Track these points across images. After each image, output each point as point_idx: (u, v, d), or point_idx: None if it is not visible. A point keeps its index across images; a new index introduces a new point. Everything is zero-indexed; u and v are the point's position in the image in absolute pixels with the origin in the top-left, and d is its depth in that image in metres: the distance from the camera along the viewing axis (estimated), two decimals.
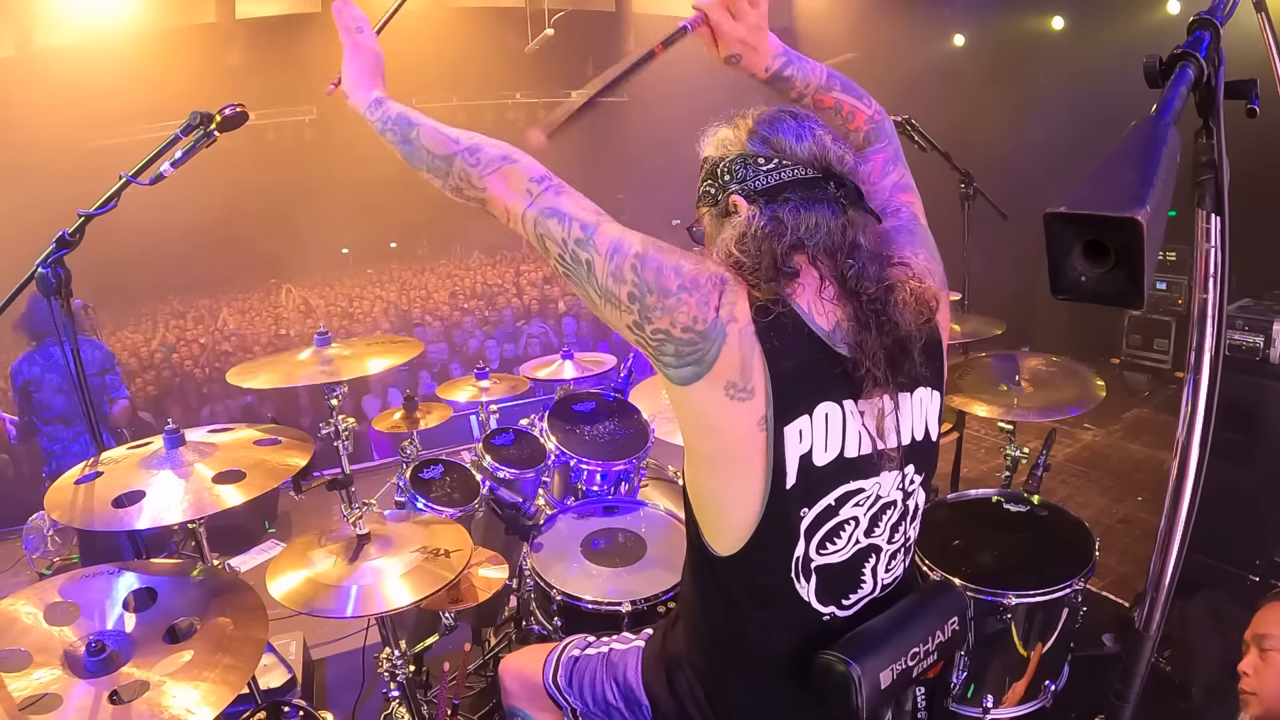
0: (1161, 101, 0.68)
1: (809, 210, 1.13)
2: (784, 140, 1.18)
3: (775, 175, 1.16)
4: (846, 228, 1.14)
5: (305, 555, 1.87)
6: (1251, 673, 1.56)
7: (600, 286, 1.12)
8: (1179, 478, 0.89)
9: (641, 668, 1.40)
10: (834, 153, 1.18)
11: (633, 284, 1.10)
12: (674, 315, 1.08)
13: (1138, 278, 0.60)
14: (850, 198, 1.17)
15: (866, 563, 1.21)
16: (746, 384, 1.08)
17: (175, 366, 7.89)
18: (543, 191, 1.16)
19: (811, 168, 1.17)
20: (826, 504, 1.14)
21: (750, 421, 1.09)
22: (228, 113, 1.58)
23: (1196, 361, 0.86)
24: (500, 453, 2.79)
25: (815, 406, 1.10)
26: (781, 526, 1.13)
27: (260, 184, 8.33)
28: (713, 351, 1.08)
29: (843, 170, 1.18)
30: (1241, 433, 2.77)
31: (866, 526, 1.19)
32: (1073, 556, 2.17)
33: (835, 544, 1.17)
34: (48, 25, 7.20)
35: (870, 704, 1.10)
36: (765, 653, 1.21)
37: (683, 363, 1.10)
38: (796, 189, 1.15)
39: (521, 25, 8.53)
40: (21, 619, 1.37)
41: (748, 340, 1.08)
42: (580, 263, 1.13)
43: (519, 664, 1.61)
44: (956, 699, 2.14)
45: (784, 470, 1.10)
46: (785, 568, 1.15)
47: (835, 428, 1.12)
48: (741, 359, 1.08)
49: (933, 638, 1.22)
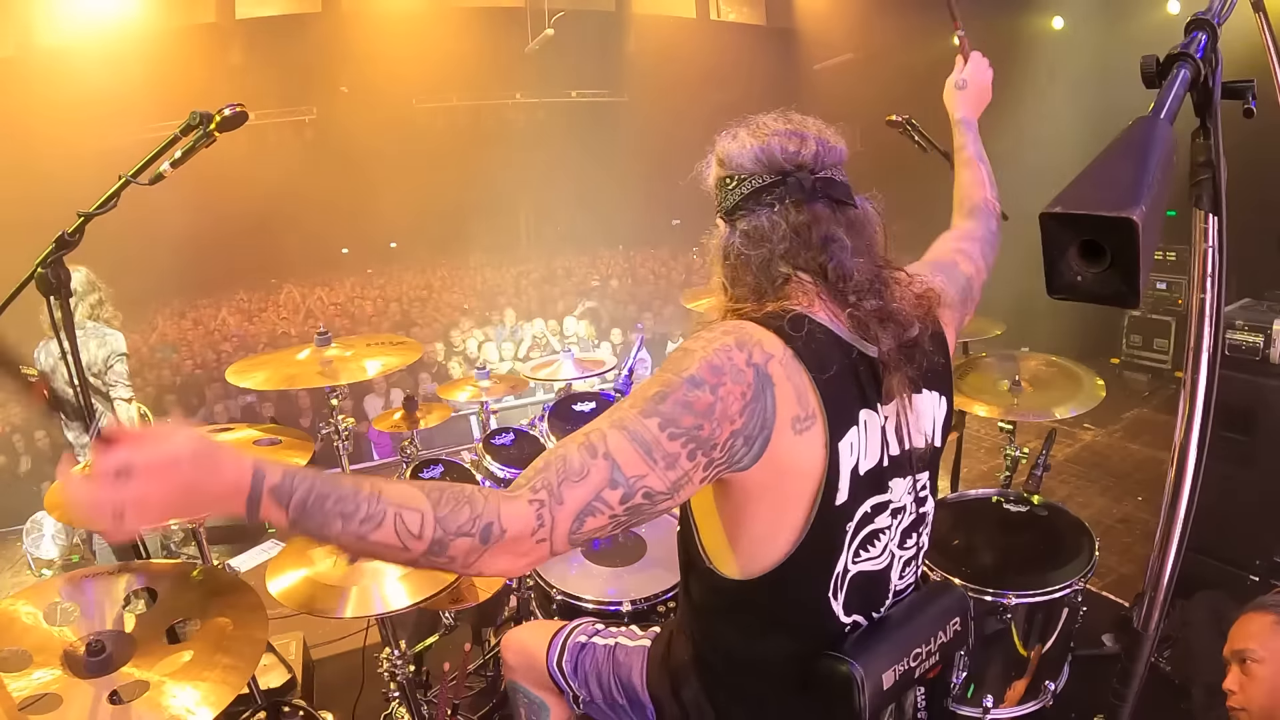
0: (1158, 101, 0.68)
1: (759, 215, 1.14)
2: (734, 157, 1.18)
3: (737, 192, 1.17)
4: (810, 225, 1.12)
5: (305, 555, 1.87)
6: (1237, 689, 1.54)
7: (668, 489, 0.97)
8: (1178, 478, 0.89)
9: (647, 672, 1.38)
10: (781, 151, 1.15)
11: (683, 443, 0.96)
12: (728, 410, 0.97)
13: (1133, 277, 0.60)
14: (811, 192, 1.13)
15: (893, 570, 1.20)
16: (807, 410, 1.03)
17: (175, 366, 7.90)
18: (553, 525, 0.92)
19: (765, 175, 1.15)
20: (864, 512, 1.12)
21: (817, 446, 1.04)
22: (228, 113, 1.58)
23: (1195, 361, 0.86)
24: (500, 453, 2.79)
25: (859, 415, 1.09)
26: (826, 542, 1.10)
27: (260, 184, 8.33)
28: (769, 403, 1.00)
29: (799, 165, 1.15)
30: (1241, 433, 2.77)
31: (899, 539, 1.18)
32: (1073, 556, 2.17)
33: (870, 551, 1.15)
34: (48, 25, 7.21)
35: (873, 704, 1.09)
36: (781, 667, 1.19)
37: (753, 441, 1.00)
38: (757, 197, 1.15)
39: (521, 25, 8.54)
40: (21, 619, 1.37)
41: (791, 367, 1.03)
42: (641, 507, 0.96)
43: (522, 640, 1.59)
44: (956, 699, 2.14)
45: (836, 486, 1.06)
46: (825, 582, 1.12)
47: (875, 434, 1.11)
48: (794, 388, 1.02)
49: (935, 638, 1.21)
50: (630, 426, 0.96)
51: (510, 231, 12.27)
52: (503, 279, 10.06)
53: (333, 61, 8.95)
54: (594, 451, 0.95)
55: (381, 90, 9.05)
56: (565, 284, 9.56)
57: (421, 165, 9.53)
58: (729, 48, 9.91)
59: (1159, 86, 0.70)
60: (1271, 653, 1.51)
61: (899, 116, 2.71)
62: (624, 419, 0.97)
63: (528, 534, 0.92)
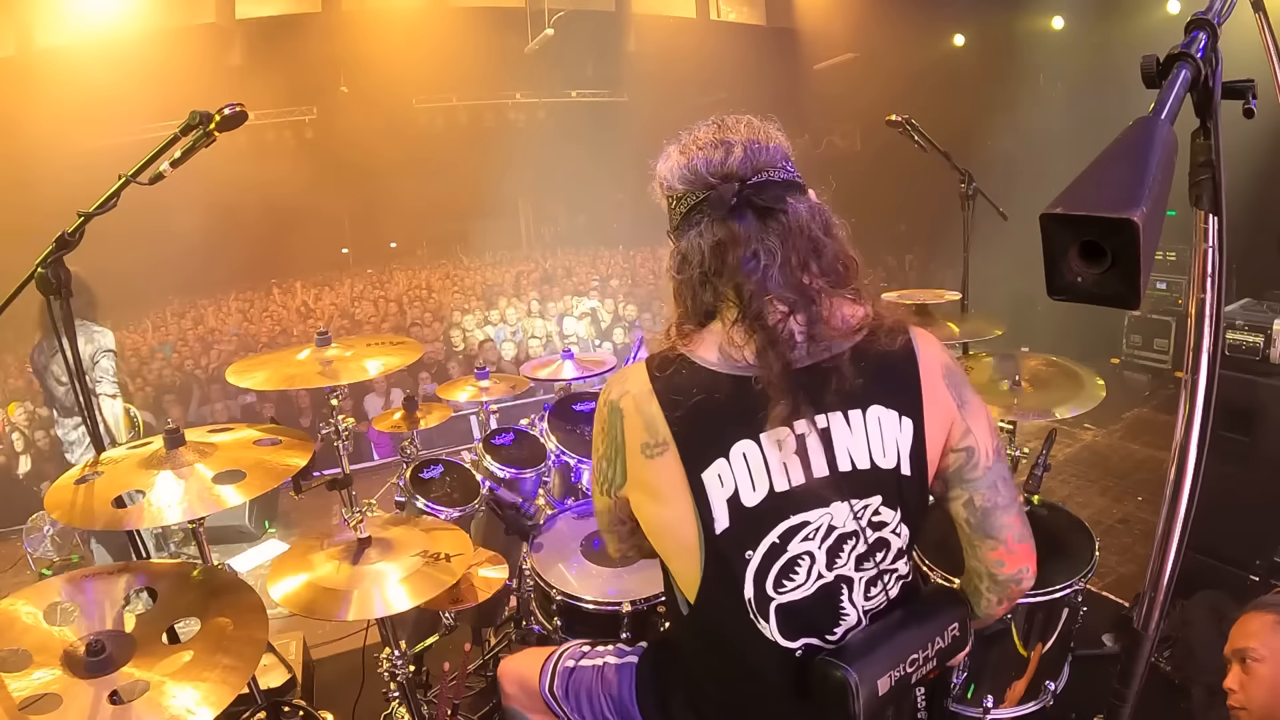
0: (1158, 101, 0.68)
1: (687, 236, 1.15)
2: (666, 178, 1.19)
3: (677, 212, 1.18)
4: (725, 247, 1.09)
5: (306, 558, 1.87)
6: (1238, 688, 1.55)
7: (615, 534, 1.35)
8: (1178, 478, 0.89)
9: (636, 687, 1.39)
10: (705, 165, 1.12)
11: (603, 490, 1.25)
12: (595, 448, 1.23)
13: (1134, 278, 0.60)
14: (732, 209, 1.09)
15: (841, 594, 1.16)
16: (656, 438, 1.12)
17: (175, 366, 7.89)
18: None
19: (695, 192, 1.14)
20: (771, 542, 1.11)
21: (673, 473, 1.11)
22: (227, 113, 1.58)
23: (1195, 361, 0.86)
24: (500, 453, 2.79)
25: (730, 447, 1.09)
26: (725, 571, 1.12)
27: (260, 184, 8.33)
28: (620, 429, 1.16)
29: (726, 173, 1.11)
30: (1241, 433, 2.77)
31: (825, 560, 1.14)
32: (1073, 556, 2.17)
33: (793, 580, 1.13)
34: (48, 25, 7.21)
35: (868, 710, 1.09)
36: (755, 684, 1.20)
37: (611, 463, 1.20)
38: (691, 217, 1.15)
39: (521, 25, 8.54)
40: (21, 619, 1.36)
41: (644, 401, 1.13)
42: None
43: (517, 668, 1.61)
44: (956, 699, 2.14)
45: (711, 516, 1.10)
46: (741, 610, 1.13)
47: (758, 464, 1.10)
48: (644, 419, 1.13)
49: (932, 644, 1.20)
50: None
51: (510, 232, 12.27)
52: (503, 279, 10.06)
53: (333, 61, 8.94)
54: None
55: (381, 90, 9.05)
56: (565, 284, 9.55)
57: (421, 165, 9.53)
58: (729, 48, 9.90)
59: (1159, 86, 0.70)
60: (1272, 651, 1.51)
61: (899, 116, 2.71)
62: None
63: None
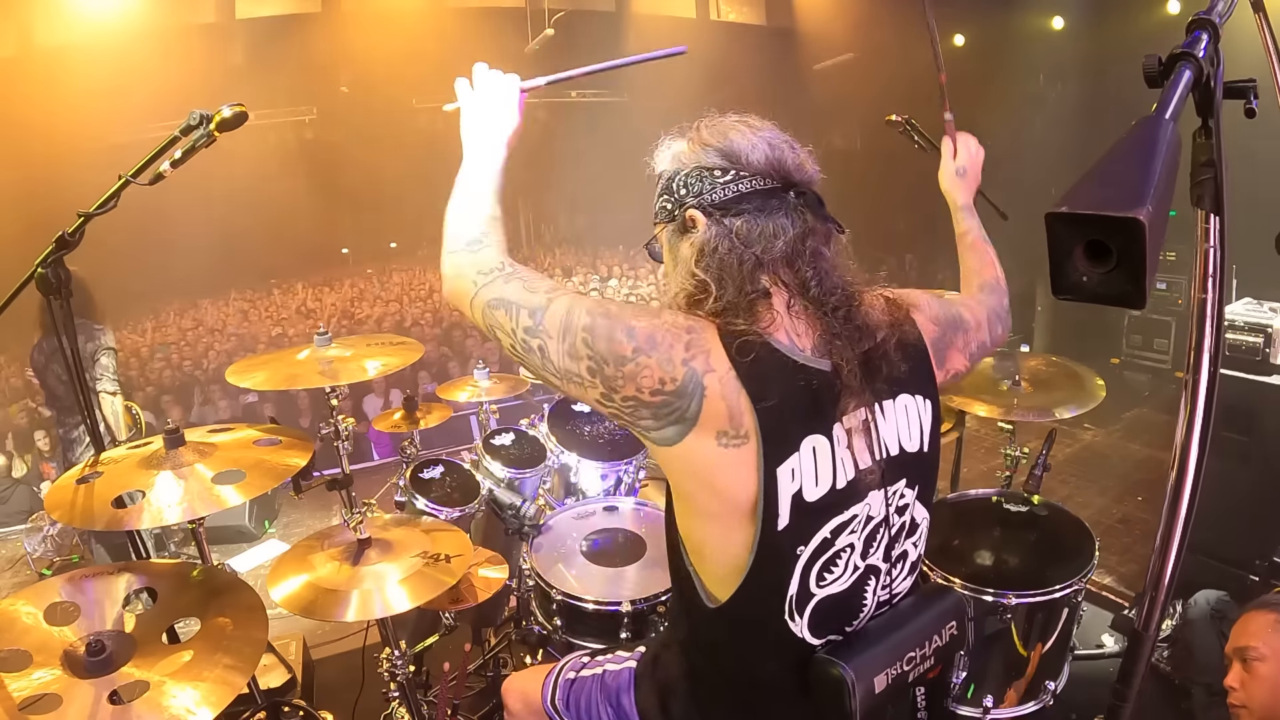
0: (1162, 101, 0.68)
1: (766, 220, 1.11)
2: (739, 150, 1.14)
3: (733, 187, 1.13)
4: (806, 236, 1.12)
5: (306, 559, 1.87)
6: (1239, 686, 1.57)
7: (558, 368, 1.09)
8: (1178, 477, 0.89)
9: (635, 691, 1.38)
10: (791, 160, 1.14)
11: (588, 358, 1.06)
12: (638, 380, 1.04)
13: (1140, 278, 0.60)
14: (810, 206, 1.14)
15: (867, 586, 1.18)
16: (739, 430, 1.04)
17: (175, 366, 7.89)
18: (489, 281, 1.14)
19: (769, 177, 1.13)
20: (823, 537, 1.11)
21: (747, 466, 1.05)
22: (228, 113, 1.57)
23: (1195, 361, 0.86)
24: (500, 453, 2.79)
25: (803, 441, 1.07)
26: (774, 568, 1.09)
27: (260, 184, 8.33)
28: (693, 406, 1.04)
29: (801, 179, 1.15)
30: (1241, 433, 2.77)
31: (862, 550, 1.16)
32: (1073, 556, 2.17)
33: (833, 573, 1.13)
34: (49, 25, 7.21)
35: (865, 708, 1.09)
36: (764, 683, 1.19)
37: (663, 423, 1.06)
38: (753, 200, 1.12)
39: (521, 25, 8.54)
40: (21, 619, 1.36)
41: (731, 387, 1.04)
42: (533, 350, 1.10)
43: (520, 685, 1.61)
44: (956, 699, 2.14)
45: (776, 513, 1.06)
46: (779, 609, 1.11)
47: (825, 460, 1.09)
48: (729, 407, 1.04)
49: (930, 642, 1.20)
50: (578, 304, 1.09)
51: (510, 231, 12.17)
52: None
53: (333, 61, 8.94)
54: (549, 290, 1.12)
55: (381, 90, 9.04)
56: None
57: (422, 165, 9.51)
58: (729, 48, 9.89)
59: (1161, 86, 0.70)
60: (1273, 650, 1.52)
61: (899, 116, 2.71)
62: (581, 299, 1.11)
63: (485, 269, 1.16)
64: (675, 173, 1.18)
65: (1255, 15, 1.11)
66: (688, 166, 1.17)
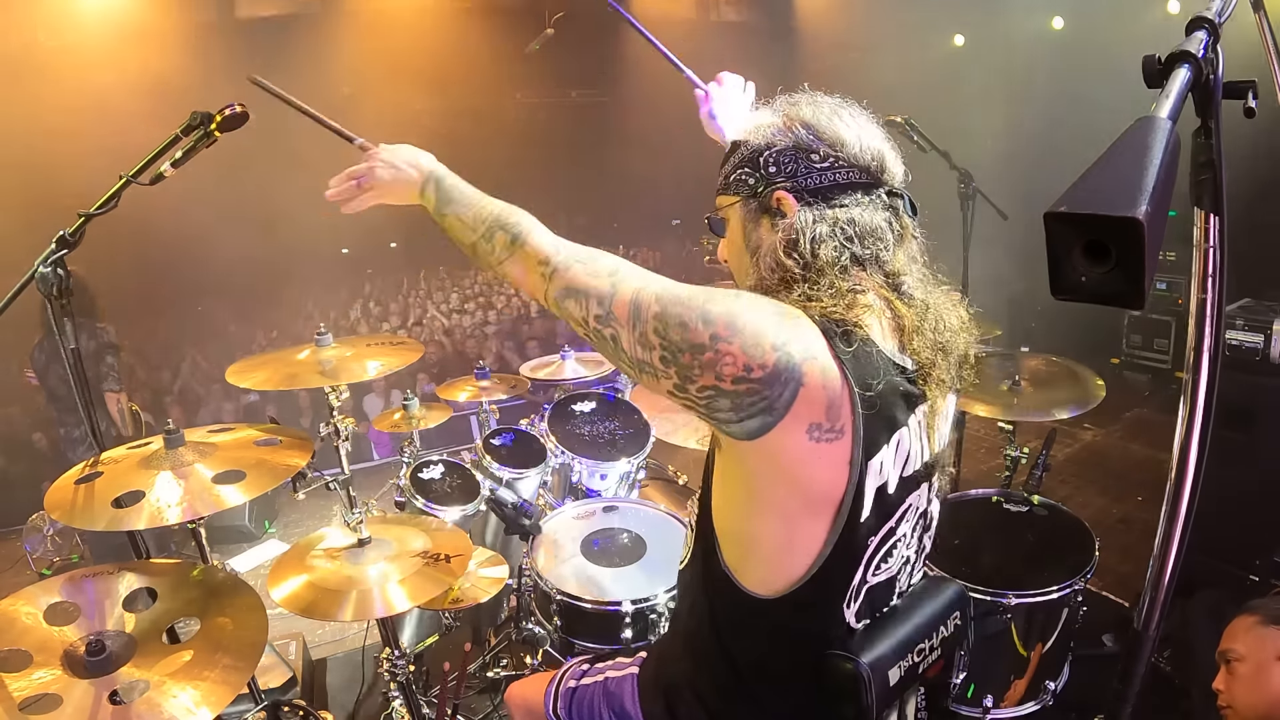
0: (1161, 100, 0.68)
1: (868, 217, 1.06)
2: (843, 136, 1.07)
3: (831, 175, 1.06)
4: (903, 238, 1.10)
5: (306, 559, 1.87)
6: (1224, 688, 1.61)
7: (631, 359, 1.02)
8: (1178, 477, 0.89)
9: (639, 696, 1.37)
10: (891, 158, 1.11)
11: (661, 347, 0.98)
12: (718, 368, 0.95)
13: (1139, 278, 0.60)
14: (907, 209, 1.11)
15: (903, 574, 1.20)
16: (835, 423, 0.97)
17: (174, 367, 7.89)
18: (553, 272, 1.10)
19: (868, 171, 1.08)
20: (889, 527, 1.10)
21: (839, 462, 0.99)
22: (228, 113, 1.58)
23: (1196, 361, 0.86)
24: (500, 453, 2.79)
25: (893, 435, 1.05)
26: (846, 559, 1.06)
27: (260, 184, 8.32)
28: (786, 395, 0.95)
29: (895, 179, 1.12)
30: (1241, 433, 2.77)
31: (908, 541, 1.17)
32: (1073, 556, 2.17)
33: (889, 562, 1.14)
34: (49, 25, 7.20)
35: (880, 702, 1.09)
36: (789, 675, 1.17)
37: (744, 415, 0.97)
38: (853, 192, 1.06)
39: (522, 25, 8.52)
40: (21, 619, 1.36)
41: (832, 377, 0.96)
42: (605, 340, 1.04)
43: (523, 692, 1.61)
44: (956, 699, 2.14)
45: (861, 506, 1.03)
46: (841, 597, 1.09)
47: (904, 452, 1.07)
48: (829, 398, 0.96)
49: (936, 633, 1.21)
50: (647, 287, 1.02)
51: None
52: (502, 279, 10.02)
53: (333, 61, 8.93)
54: (612, 272, 1.06)
55: (381, 90, 9.04)
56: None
57: None
58: (729, 48, 9.89)
59: (1161, 86, 0.70)
60: (1250, 650, 1.58)
61: (899, 117, 2.71)
62: (649, 281, 1.04)
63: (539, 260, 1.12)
64: (764, 147, 1.10)
65: (1255, 15, 1.12)
66: (780, 143, 1.09)
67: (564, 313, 1.09)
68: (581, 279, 1.07)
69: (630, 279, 1.04)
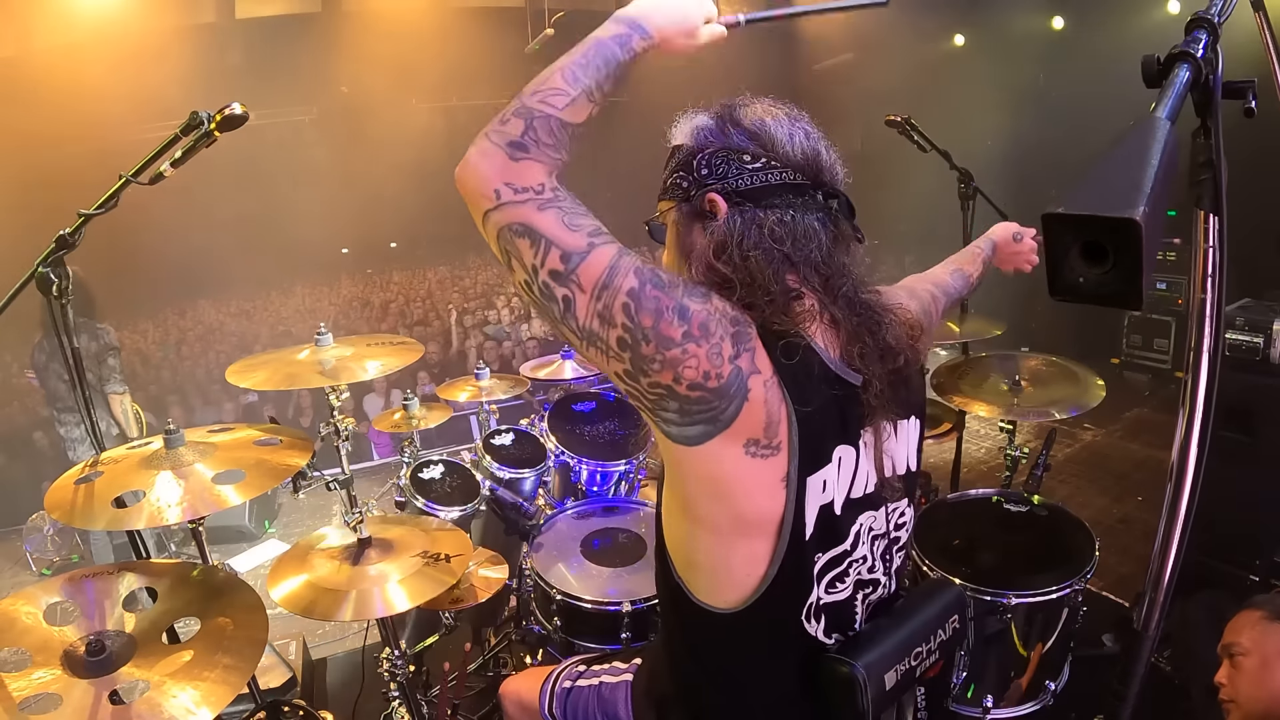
0: (1159, 101, 0.68)
1: (801, 219, 1.03)
2: (774, 138, 1.05)
3: (762, 176, 1.03)
4: (838, 240, 1.07)
5: (306, 558, 1.87)
6: (1226, 682, 1.62)
7: (582, 328, 0.92)
8: (1178, 478, 0.89)
9: (632, 704, 1.38)
10: (826, 159, 1.08)
11: (624, 328, 0.90)
12: (678, 369, 0.91)
13: (1136, 278, 0.60)
14: (843, 210, 1.08)
15: (860, 593, 1.17)
16: (772, 440, 0.95)
17: (174, 366, 7.90)
18: (519, 201, 0.92)
19: (802, 172, 1.05)
20: (842, 548, 1.08)
21: (773, 479, 0.97)
22: (228, 113, 1.57)
23: (1196, 361, 0.86)
24: (500, 453, 2.79)
25: (834, 451, 1.02)
26: (796, 578, 1.04)
27: (260, 184, 8.33)
28: (731, 409, 0.93)
29: (833, 180, 1.09)
30: (1241, 433, 2.77)
31: (871, 563, 1.15)
32: (1073, 556, 2.17)
33: (843, 583, 1.12)
34: (48, 25, 7.20)
35: (876, 706, 1.08)
36: (769, 689, 1.16)
37: (689, 421, 0.94)
38: (785, 193, 1.03)
39: (521, 25, 8.52)
40: (21, 619, 1.36)
41: (774, 393, 0.94)
42: (555, 299, 0.92)
43: (518, 688, 1.61)
44: (956, 699, 2.14)
45: (804, 523, 1.00)
46: (797, 615, 1.07)
47: (848, 469, 1.05)
48: (768, 414, 0.94)
49: (934, 636, 1.21)
50: (626, 260, 0.92)
51: None
52: (502, 279, 10.04)
53: (333, 61, 8.93)
54: (592, 234, 0.93)
55: (381, 90, 9.04)
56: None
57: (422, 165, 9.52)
58: (729, 48, 9.87)
59: (1160, 86, 0.70)
60: (1254, 644, 1.58)
61: (899, 116, 2.71)
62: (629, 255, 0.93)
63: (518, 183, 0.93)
64: (697, 149, 1.07)
65: (1255, 15, 1.12)
66: (712, 145, 1.06)
67: (505, 243, 0.92)
68: (553, 224, 0.91)
69: (610, 245, 0.93)
